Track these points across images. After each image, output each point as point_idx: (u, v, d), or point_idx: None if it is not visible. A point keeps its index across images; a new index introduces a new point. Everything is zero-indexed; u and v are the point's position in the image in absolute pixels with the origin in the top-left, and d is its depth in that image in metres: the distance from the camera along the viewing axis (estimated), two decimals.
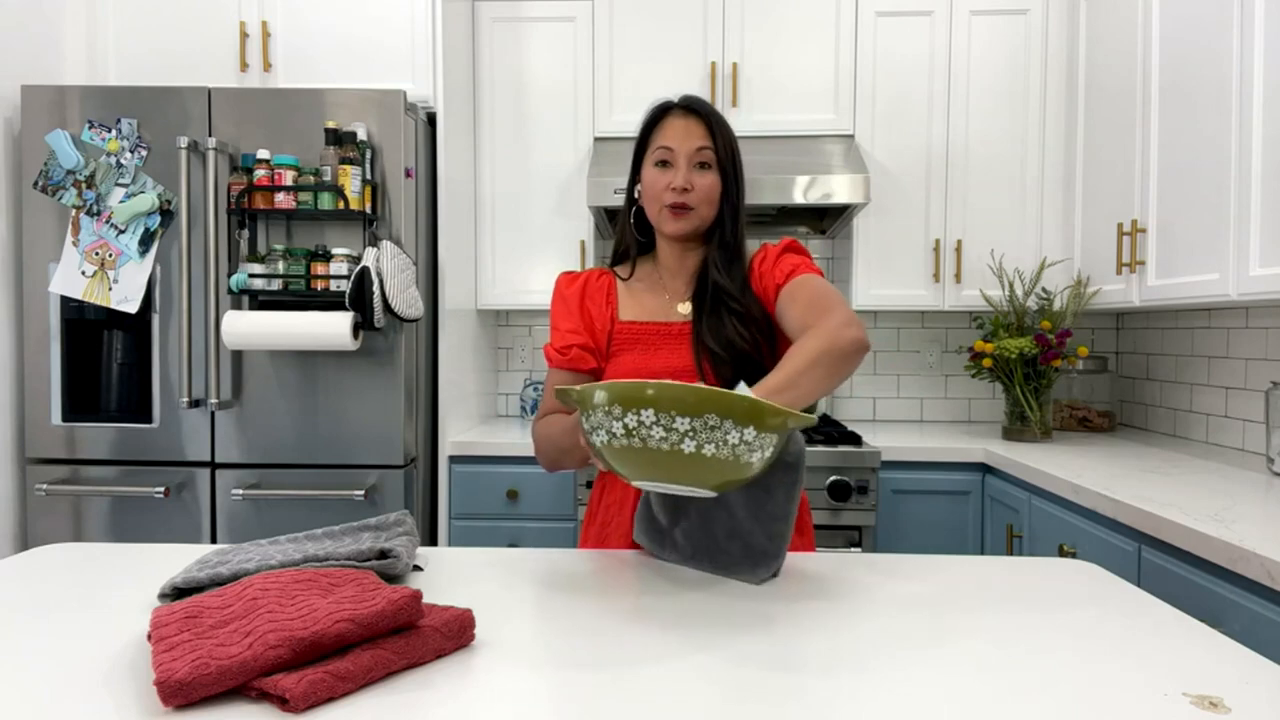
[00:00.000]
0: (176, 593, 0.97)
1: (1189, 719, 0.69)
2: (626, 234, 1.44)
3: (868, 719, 0.69)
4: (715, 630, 0.90)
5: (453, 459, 2.55)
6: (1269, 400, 1.99)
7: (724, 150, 1.33)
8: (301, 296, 2.28)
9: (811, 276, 1.29)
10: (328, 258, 2.28)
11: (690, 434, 0.89)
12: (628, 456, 0.92)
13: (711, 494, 0.96)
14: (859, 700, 0.73)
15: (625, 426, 0.90)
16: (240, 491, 2.31)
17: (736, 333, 1.29)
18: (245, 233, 2.32)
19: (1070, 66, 2.74)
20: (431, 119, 2.57)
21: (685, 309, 1.37)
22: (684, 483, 0.92)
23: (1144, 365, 2.86)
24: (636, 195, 1.40)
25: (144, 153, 2.33)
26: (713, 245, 1.36)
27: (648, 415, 0.89)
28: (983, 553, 2.46)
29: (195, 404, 2.33)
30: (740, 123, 2.80)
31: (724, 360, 1.28)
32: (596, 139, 2.83)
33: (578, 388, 0.95)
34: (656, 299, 1.40)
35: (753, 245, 1.41)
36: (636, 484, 0.96)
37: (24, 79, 2.41)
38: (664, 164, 1.33)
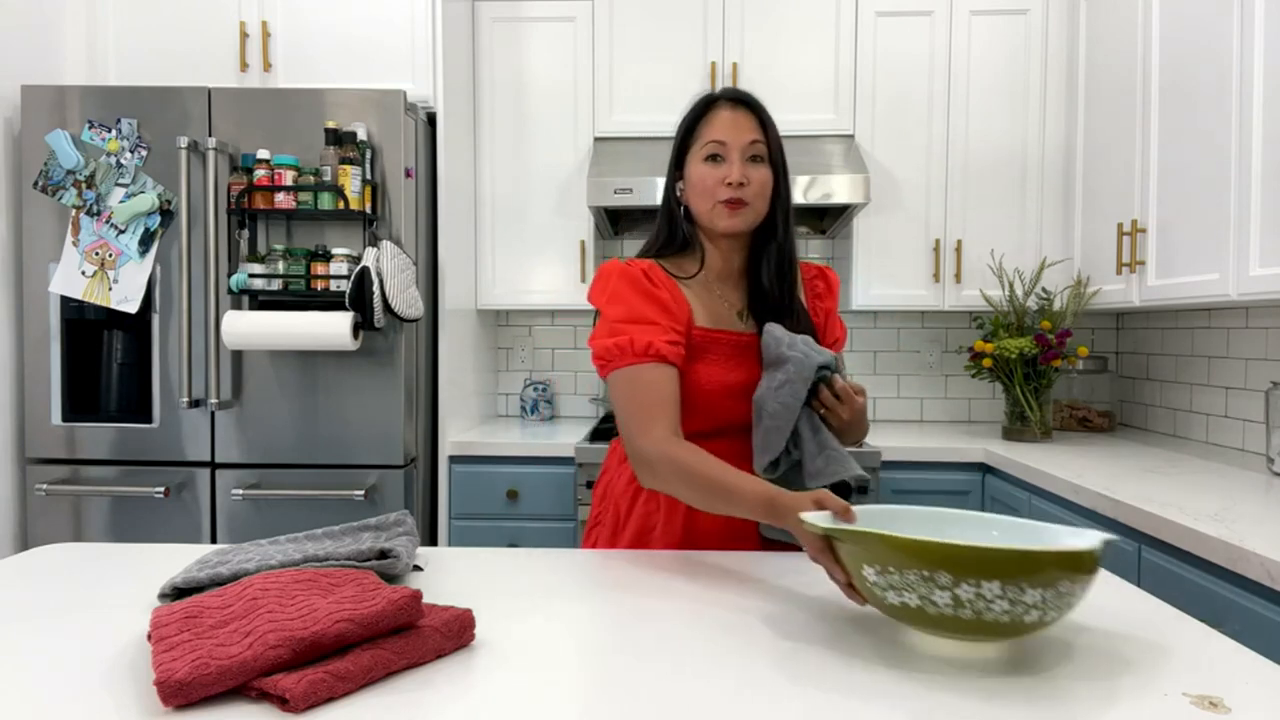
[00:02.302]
0: (176, 593, 0.97)
1: (1189, 719, 0.69)
2: (677, 231, 1.34)
3: (865, 715, 0.69)
4: (717, 630, 0.90)
5: (453, 459, 2.55)
6: (1269, 400, 1.99)
7: (775, 144, 1.29)
8: (301, 296, 2.28)
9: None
10: (328, 258, 2.28)
11: (1038, 606, 0.76)
12: (942, 623, 0.78)
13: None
14: (859, 698, 0.73)
15: (956, 597, 0.75)
16: (240, 491, 2.31)
17: None
18: (245, 233, 2.32)
19: (1070, 66, 2.74)
20: (431, 119, 2.57)
21: (747, 320, 1.34)
22: (987, 640, 0.81)
23: (1144, 365, 2.86)
24: (679, 192, 1.33)
25: (144, 153, 2.33)
26: (769, 254, 1.32)
27: (992, 588, 0.74)
28: None
29: (195, 404, 2.33)
30: None
31: None
32: (596, 139, 2.83)
33: (881, 533, 0.79)
34: (718, 305, 1.33)
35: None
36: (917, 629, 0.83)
37: (24, 79, 2.41)
38: (715, 158, 1.27)
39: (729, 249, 1.33)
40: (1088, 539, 0.84)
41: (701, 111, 1.30)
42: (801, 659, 0.82)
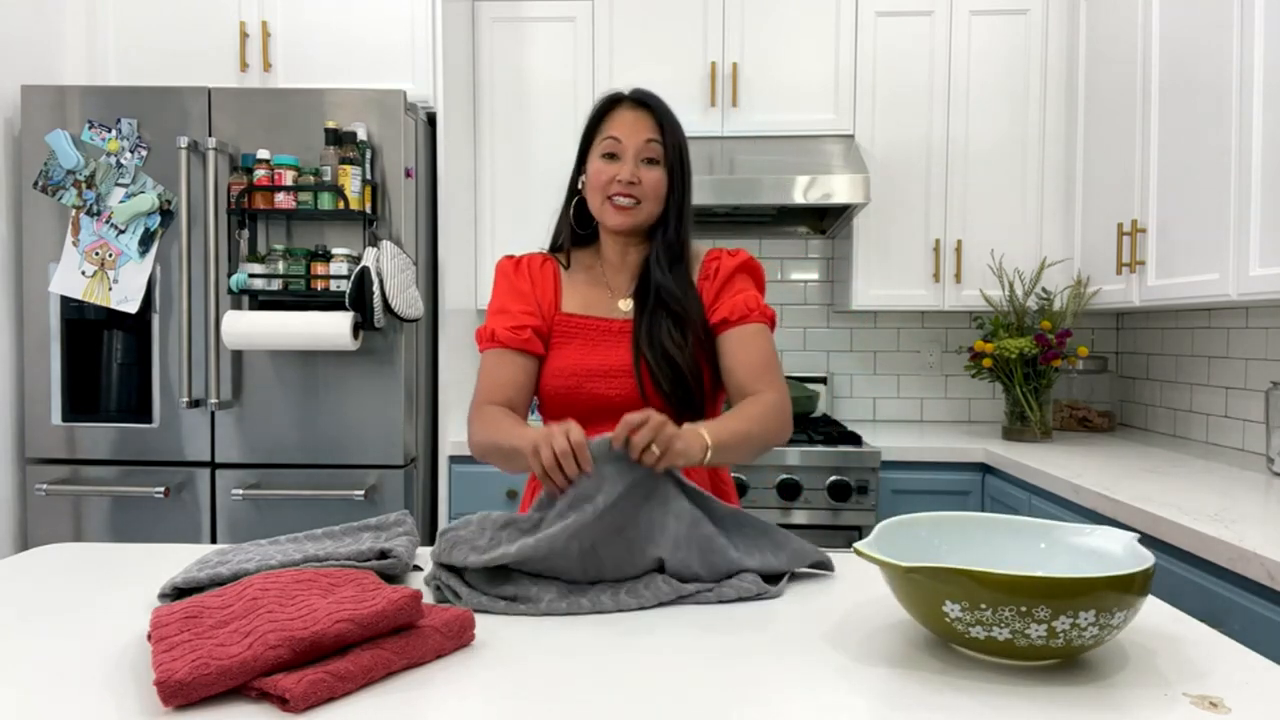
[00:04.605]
0: (176, 593, 0.97)
1: (1189, 719, 0.69)
2: (564, 224, 1.42)
3: (868, 715, 0.69)
4: (717, 630, 0.90)
5: (453, 459, 2.55)
6: (1269, 400, 1.99)
7: (672, 147, 1.33)
8: (301, 296, 2.28)
9: (764, 331, 1.33)
10: (328, 258, 2.28)
11: (1119, 625, 0.76)
12: (1028, 653, 0.76)
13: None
14: (864, 699, 0.73)
15: (1051, 629, 0.73)
16: (240, 491, 2.31)
17: (673, 339, 1.29)
18: (245, 233, 2.32)
19: (1070, 66, 2.74)
20: (431, 119, 2.57)
21: (627, 306, 1.36)
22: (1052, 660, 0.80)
23: (1144, 365, 2.86)
24: (580, 186, 1.38)
25: (144, 153, 2.33)
26: (656, 243, 1.35)
27: (1088, 616, 0.73)
28: None
29: (195, 404, 2.33)
30: (740, 123, 2.80)
31: (660, 364, 1.28)
32: None
33: (973, 570, 0.74)
34: (598, 293, 1.38)
35: (700, 246, 1.42)
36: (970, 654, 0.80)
37: (24, 79, 2.41)
38: (611, 156, 1.31)
39: (624, 243, 1.38)
40: (1121, 539, 0.87)
41: (605, 110, 1.35)
42: (804, 656, 0.82)
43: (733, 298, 1.34)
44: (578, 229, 1.41)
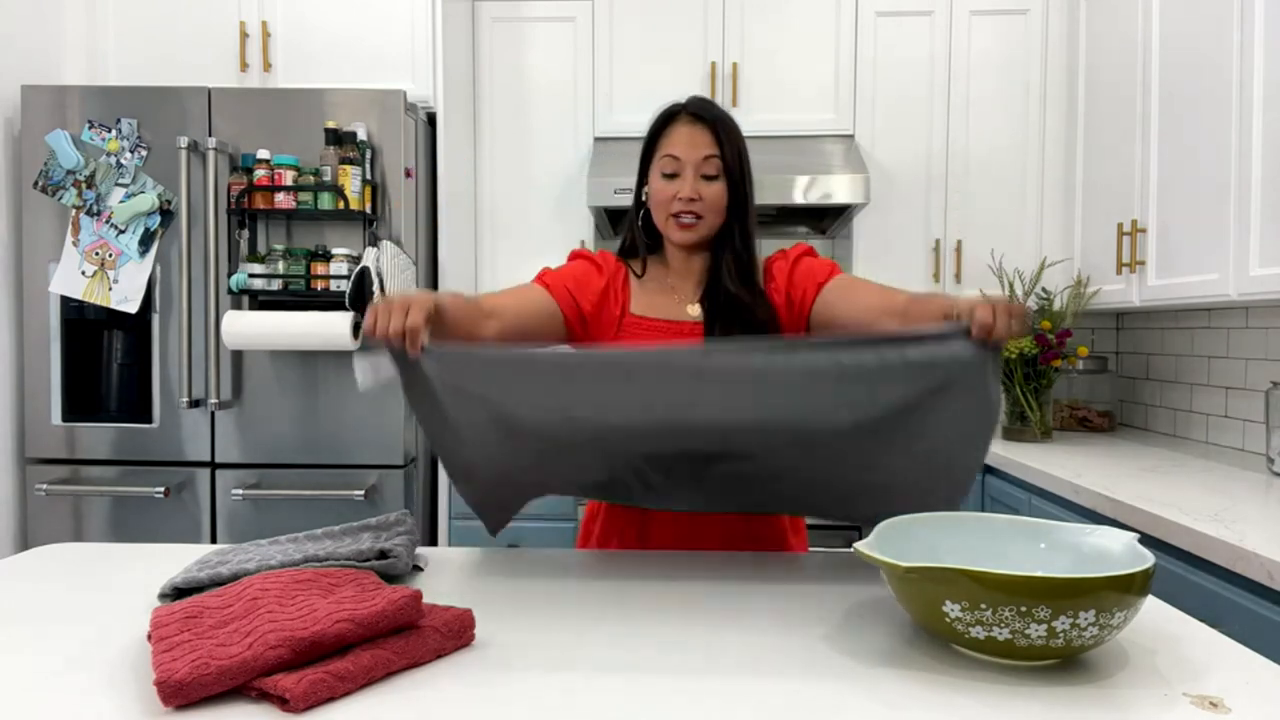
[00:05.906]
0: (176, 593, 0.97)
1: (1189, 719, 0.69)
2: (635, 236, 1.42)
3: (868, 715, 0.69)
4: (716, 629, 0.90)
5: None
6: (1269, 400, 1.99)
7: (732, 157, 1.33)
8: (301, 296, 2.28)
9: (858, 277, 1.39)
10: (328, 258, 2.28)
11: (1119, 625, 0.76)
12: (1029, 653, 0.76)
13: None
14: (864, 700, 0.73)
15: (1051, 629, 0.73)
16: (240, 491, 2.31)
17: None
18: (245, 233, 2.32)
19: (1070, 67, 2.74)
20: (431, 119, 2.57)
21: (695, 310, 1.37)
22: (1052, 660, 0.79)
23: (1144, 365, 2.86)
24: (644, 198, 1.39)
25: (144, 153, 2.33)
26: (726, 255, 1.35)
27: (1088, 616, 0.73)
28: None
29: (195, 404, 2.33)
30: (740, 123, 2.79)
31: None
32: (596, 139, 2.83)
33: (974, 571, 0.74)
34: (666, 298, 1.39)
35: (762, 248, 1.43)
36: (977, 656, 0.81)
37: (24, 79, 2.41)
38: (672, 174, 1.33)
39: (688, 253, 1.39)
40: (1121, 539, 0.87)
41: (663, 125, 1.36)
42: (804, 656, 0.82)
43: (801, 267, 1.38)
44: (648, 240, 1.41)
